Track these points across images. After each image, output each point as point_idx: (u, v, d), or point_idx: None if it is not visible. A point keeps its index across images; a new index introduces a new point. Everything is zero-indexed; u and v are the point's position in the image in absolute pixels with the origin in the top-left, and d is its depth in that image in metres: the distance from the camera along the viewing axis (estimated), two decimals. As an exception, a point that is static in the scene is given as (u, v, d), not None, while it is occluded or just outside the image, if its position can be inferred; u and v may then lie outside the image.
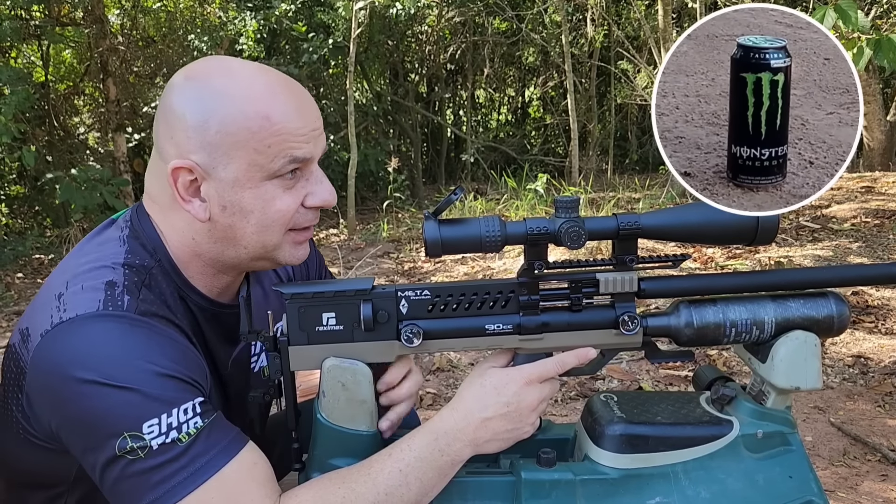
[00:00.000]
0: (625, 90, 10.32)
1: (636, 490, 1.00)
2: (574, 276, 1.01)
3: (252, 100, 0.93)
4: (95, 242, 1.01)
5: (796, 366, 1.00)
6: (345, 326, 1.00)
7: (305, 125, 0.96)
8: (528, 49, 11.24)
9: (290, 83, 0.99)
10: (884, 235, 5.14)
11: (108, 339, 0.89)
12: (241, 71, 0.96)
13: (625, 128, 11.44)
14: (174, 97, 0.95)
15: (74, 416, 0.87)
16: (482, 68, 11.45)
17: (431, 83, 11.89)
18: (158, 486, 0.85)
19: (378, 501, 0.91)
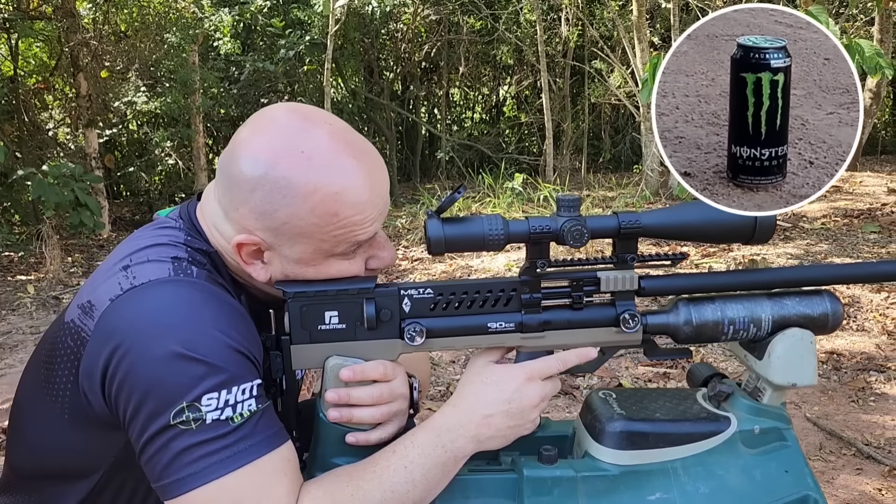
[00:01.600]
0: (598, 89, 10.40)
1: (636, 486, 1.01)
2: (575, 274, 1.02)
3: (322, 198, 0.92)
4: (151, 229, 1.02)
5: (793, 363, 1.01)
6: (347, 325, 0.99)
7: (373, 210, 0.96)
8: (503, 48, 11.27)
9: (365, 164, 0.95)
10: (853, 234, 5.25)
11: (183, 304, 0.89)
12: (315, 156, 0.92)
13: (598, 127, 11.53)
14: (241, 170, 0.93)
15: (139, 376, 0.86)
16: (457, 67, 11.47)
17: (406, 81, 11.87)
18: (199, 462, 0.85)
19: (385, 498, 0.91)
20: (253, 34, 9.54)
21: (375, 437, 0.99)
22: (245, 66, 9.13)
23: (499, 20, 10.59)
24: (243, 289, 1.03)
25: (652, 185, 7.24)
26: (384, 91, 11.24)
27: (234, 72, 9.40)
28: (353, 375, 0.97)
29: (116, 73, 7.58)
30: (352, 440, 0.99)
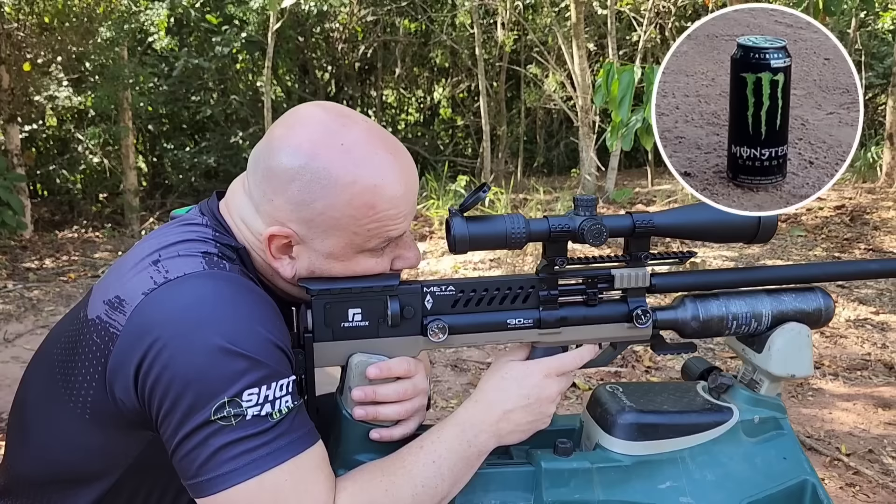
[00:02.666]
0: (534, 94, 10.57)
1: (648, 475, 1.05)
2: (590, 272, 1.05)
3: (360, 190, 0.92)
4: (175, 226, 1.00)
5: (791, 355, 1.07)
6: (370, 322, 1.00)
7: (407, 206, 0.97)
8: (438, 51, 11.33)
9: (401, 160, 0.97)
10: (782, 237, 5.52)
11: (222, 298, 0.88)
12: (354, 149, 0.93)
13: (533, 131, 11.72)
14: (280, 161, 0.93)
15: (179, 370, 0.85)
16: (393, 69, 11.46)
17: (340, 82, 11.78)
18: (238, 458, 0.84)
19: (416, 493, 0.92)
20: (185, 30, 9.29)
21: (399, 433, 1.00)
22: (177, 63, 8.89)
23: (434, 23, 10.64)
24: (266, 287, 1.03)
25: (589, 188, 7.42)
26: (319, 91, 11.13)
27: (164, 68, 9.14)
28: (380, 373, 0.98)
29: (40, 66, 7.26)
30: (376, 436, 0.99)
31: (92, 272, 6.02)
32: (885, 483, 2.61)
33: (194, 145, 10.04)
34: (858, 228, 5.68)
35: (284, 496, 0.85)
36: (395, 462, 0.95)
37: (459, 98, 11.99)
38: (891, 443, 2.88)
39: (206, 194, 9.15)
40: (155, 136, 10.22)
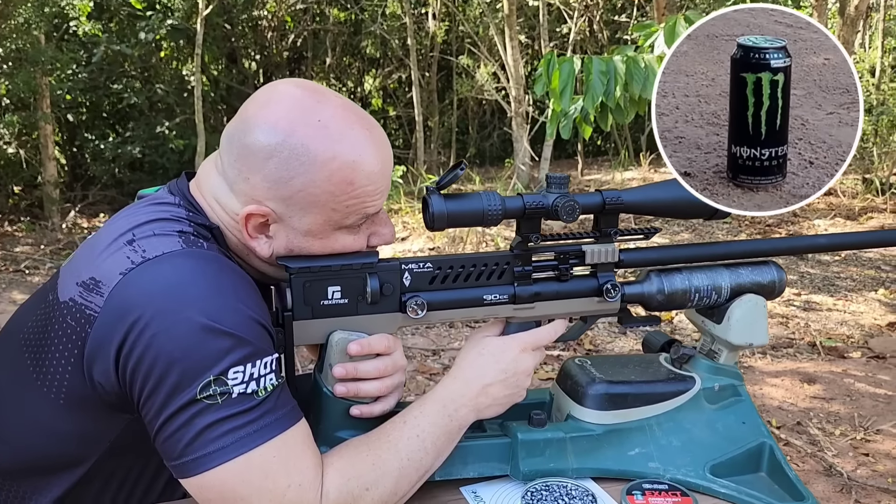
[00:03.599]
0: (466, 85, 10.63)
1: (618, 443, 1.10)
2: (562, 248, 1.08)
3: (339, 166, 0.92)
4: (145, 205, 0.97)
5: (749, 325, 1.13)
6: (349, 300, 1.00)
7: (383, 182, 0.98)
8: (369, 40, 11.26)
9: (376, 136, 0.97)
10: (708, 226, 5.74)
11: (204, 276, 0.87)
12: (331, 125, 0.93)
13: (465, 122, 11.78)
14: (256, 139, 0.92)
15: (163, 349, 0.83)
16: (323, 58, 11.32)
17: (269, 71, 11.57)
18: (225, 437, 0.83)
19: (402, 466, 0.93)
20: (106, 14, 8.94)
21: (379, 409, 1.01)
22: (96, 49, 8.54)
23: (365, 12, 10.56)
24: (240, 267, 1.02)
25: (523, 178, 7.53)
26: (248, 80, 10.90)
27: (84, 55, 8.77)
28: (360, 349, 0.98)
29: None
30: (357, 413, 1.00)
31: (14, 266, 5.75)
32: (813, 452, 2.76)
33: (116, 135, 9.68)
34: (780, 215, 5.96)
35: (274, 473, 0.85)
36: (380, 437, 0.95)
37: (391, 89, 11.94)
38: (816, 415, 3.06)
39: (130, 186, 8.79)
40: (75, 125, 9.80)
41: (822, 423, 2.99)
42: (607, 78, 3.11)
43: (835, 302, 4.43)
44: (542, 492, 1.03)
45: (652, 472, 1.07)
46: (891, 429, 2.96)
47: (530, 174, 7.68)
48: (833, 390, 3.28)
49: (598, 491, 1.05)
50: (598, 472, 1.08)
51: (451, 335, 3.74)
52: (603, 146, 11.56)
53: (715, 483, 1.06)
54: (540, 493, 1.02)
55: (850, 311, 4.29)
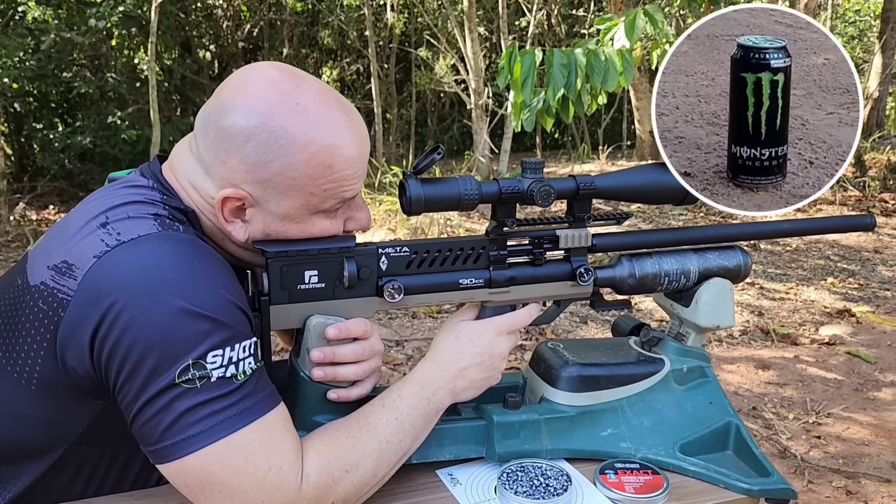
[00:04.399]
0: (425, 77, 10.61)
1: (591, 424, 1.12)
2: (536, 232, 1.09)
3: (318, 149, 0.92)
4: (118, 188, 0.95)
5: (716, 307, 1.16)
6: (327, 284, 1.00)
7: (361, 167, 0.98)
8: (326, 31, 11.15)
9: (354, 121, 0.97)
10: (665, 216, 5.84)
11: (182, 259, 0.85)
12: (310, 109, 0.92)
13: (424, 114, 11.77)
14: (234, 121, 0.91)
15: (140, 333, 0.82)
16: (280, 49, 11.18)
17: (225, 61, 11.38)
18: (205, 420, 0.83)
19: (381, 448, 0.94)
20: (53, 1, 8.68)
21: (356, 393, 1.01)
22: (44, 37, 8.28)
23: (322, 2, 10.46)
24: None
25: (483, 170, 7.56)
26: (202, 70, 10.71)
27: (31, 42, 8.50)
28: (338, 333, 0.98)
29: None
30: (334, 397, 1.00)
31: (-42, 260, 5.56)
32: (768, 436, 2.84)
33: (66, 126, 9.42)
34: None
35: (254, 456, 0.85)
36: (359, 420, 0.96)
37: (349, 80, 11.86)
38: (770, 400, 3.15)
39: (80, 177, 8.56)
40: (22, 115, 9.51)
41: (776, 407, 3.08)
42: (568, 70, 3.15)
43: (787, 291, 4.56)
44: (517, 473, 1.04)
45: (624, 452, 1.10)
46: (841, 412, 3.06)
47: (490, 166, 7.71)
48: (786, 376, 3.37)
49: (572, 471, 1.06)
50: (571, 452, 1.10)
51: (413, 326, 3.75)
52: (561, 140, 11.67)
53: (684, 461, 1.09)
54: (515, 474, 1.04)
55: (802, 300, 4.42)
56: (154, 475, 1.02)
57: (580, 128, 10.74)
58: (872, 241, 5.60)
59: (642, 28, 3.32)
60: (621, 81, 3.27)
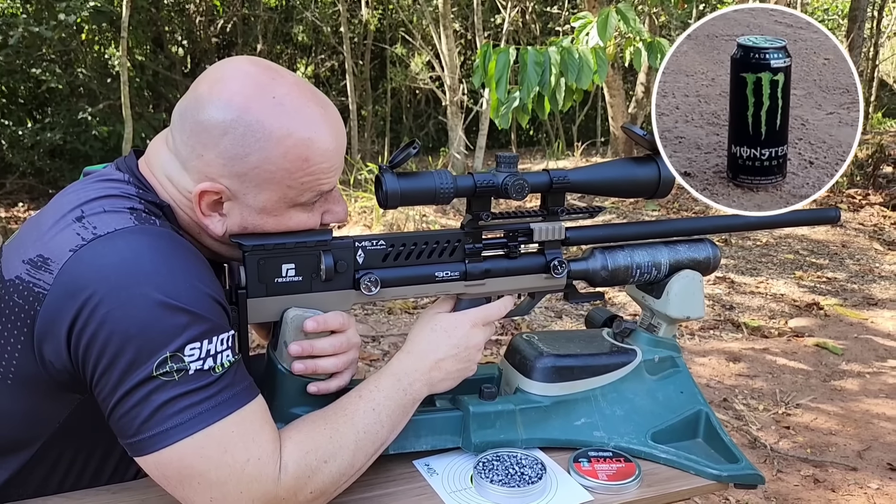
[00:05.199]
0: (400, 74, 10.59)
1: (565, 413, 1.14)
2: (511, 225, 1.11)
3: (295, 143, 0.92)
4: (93, 181, 0.95)
5: (687, 299, 1.19)
6: (304, 277, 1.01)
7: (338, 160, 0.98)
8: (301, 27, 11.08)
9: (330, 114, 0.97)
10: (638, 212, 5.91)
11: (158, 252, 0.86)
12: (286, 102, 0.93)
13: (399, 111, 11.74)
14: (210, 115, 0.91)
15: (117, 326, 0.82)
16: (254, 45, 11.08)
17: (197, 56, 11.26)
18: (183, 413, 0.83)
19: (359, 439, 0.95)
20: (22, -6, 8.53)
21: (335, 386, 1.02)
22: (13, 31, 8.14)
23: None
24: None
25: (458, 167, 7.57)
26: (175, 66, 10.59)
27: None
28: (316, 326, 0.99)
29: None
30: (313, 390, 1.01)
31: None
32: (739, 426, 2.90)
33: (35, 122, 9.26)
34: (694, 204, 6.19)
35: (233, 448, 0.86)
36: (336, 411, 0.97)
37: (324, 77, 11.79)
38: (741, 391, 3.21)
39: (50, 174, 8.42)
40: (-12, 111, 9.33)
41: (746, 398, 3.14)
42: (542, 68, 3.17)
43: (757, 285, 4.63)
44: (493, 462, 1.06)
45: (597, 441, 1.12)
46: (809, 403, 3.13)
47: (465, 163, 7.73)
48: (756, 368, 3.44)
49: (546, 460, 1.09)
50: (546, 441, 1.12)
51: (389, 322, 3.75)
52: (536, 136, 11.72)
53: (656, 449, 1.12)
54: (491, 463, 1.06)
55: (772, 294, 4.50)
56: (131, 469, 1.02)
57: (555, 125, 10.79)
58: (840, 235, 5.71)
59: (615, 26, 3.36)
60: (595, 79, 3.30)
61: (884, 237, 5.79)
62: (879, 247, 5.57)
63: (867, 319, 4.13)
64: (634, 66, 3.54)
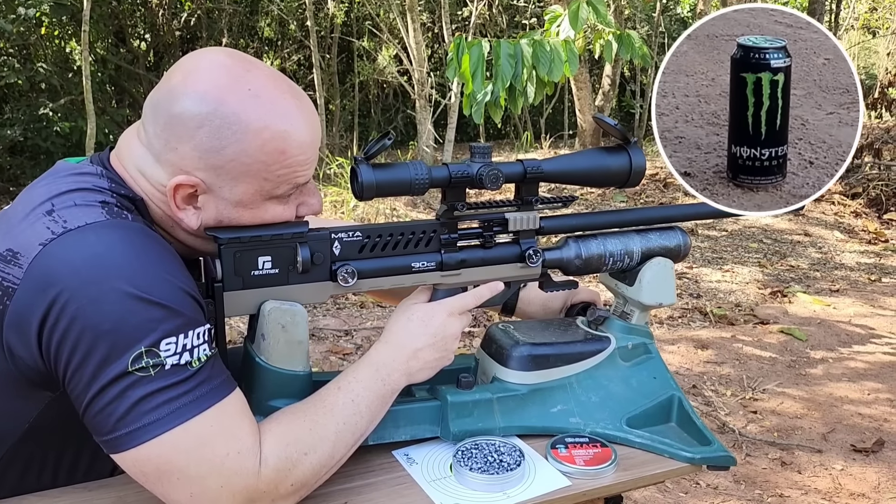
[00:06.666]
0: (368, 67, 10.54)
1: (541, 401, 1.15)
2: (486, 215, 1.12)
3: (271, 135, 0.92)
4: (65, 175, 0.93)
5: (659, 286, 1.21)
6: (280, 269, 1.01)
7: (313, 152, 0.98)
8: (266, 21, 10.97)
9: (305, 106, 0.97)
10: (606, 203, 5.97)
11: (130, 246, 0.85)
12: (262, 94, 0.92)
13: (367, 105, 11.69)
14: (185, 108, 0.90)
15: (89, 321, 0.81)
16: (219, 38, 10.94)
17: (161, 51, 11.08)
18: (160, 408, 0.82)
19: (338, 430, 0.95)
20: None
21: None
22: (-31, 25, 7.93)
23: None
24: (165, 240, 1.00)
25: (428, 160, 7.57)
26: (138, 61, 10.42)
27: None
28: None
29: None
30: None
31: None
32: (708, 412, 2.95)
33: (-7, 118, 9.04)
34: (671, 193, 6.27)
35: (212, 442, 0.85)
36: (315, 403, 0.97)
37: (290, 71, 11.69)
38: (709, 378, 3.26)
39: (10, 171, 8.22)
40: (-55, 107, 9.08)
41: (714, 385, 3.20)
42: (515, 61, 3.19)
43: (723, 274, 4.71)
44: (471, 450, 1.07)
45: (573, 427, 1.14)
46: (775, 388, 3.20)
47: (434, 156, 7.73)
48: (724, 355, 3.50)
49: (524, 447, 1.10)
50: (523, 429, 1.13)
51: (362, 315, 3.75)
52: (504, 129, 11.75)
53: (631, 434, 1.14)
54: (470, 451, 1.07)
55: (737, 282, 4.58)
56: (108, 467, 1.01)
57: (523, 118, 10.84)
58: (802, 224, 5.83)
59: (586, 18, 3.38)
60: (566, 71, 3.33)
61: (844, 226, 5.93)
62: (841, 235, 5.70)
63: (830, 306, 4.22)
64: (605, 58, 3.58)
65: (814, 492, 2.47)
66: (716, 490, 2.45)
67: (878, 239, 5.62)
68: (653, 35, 9.98)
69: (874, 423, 2.92)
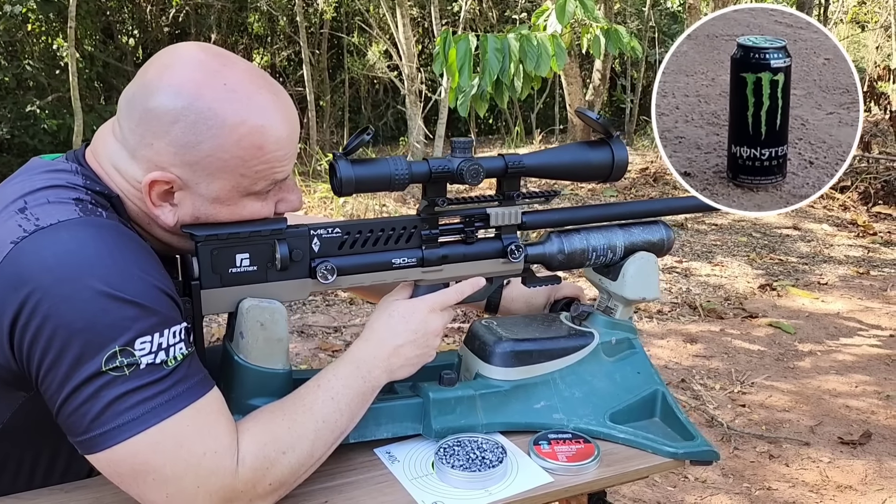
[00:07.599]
0: (358, 63, 10.51)
1: (525, 397, 1.15)
2: (467, 211, 1.11)
3: (248, 130, 0.91)
4: (39, 172, 0.91)
5: (642, 280, 1.20)
6: (259, 267, 1.00)
7: (291, 148, 0.97)
8: (256, 17, 10.91)
9: (283, 101, 0.96)
10: (596, 198, 5.97)
11: (104, 244, 0.83)
12: (239, 89, 0.91)
13: (358, 101, 11.66)
14: (160, 103, 0.89)
15: (62, 320, 0.79)
16: (209, 35, 10.88)
17: (149, 47, 11.02)
18: (136, 408, 0.81)
19: (318, 428, 0.94)
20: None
21: None
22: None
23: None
24: (141, 237, 0.99)
25: (418, 155, 7.54)
26: (126, 57, 10.35)
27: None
28: None
29: None
30: None
31: None
32: (696, 406, 2.96)
33: (-20, 116, 8.97)
34: (660, 187, 6.28)
35: (188, 442, 0.84)
36: (294, 401, 0.96)
37: (280, 67, 11.64)
38: (698, 372, 3.27)
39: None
40: (-69, 105, 9.01)
41: (703, 378, 3.20)
42: (502, 55, 3.18)
43: (712, 268, 4.72)
44: (454, 448, 1.06)
45: (557, 423, 1.13)
46: (763, 381, 3.20)
47: (425, 152, 7.71)
48: (712, 349, 3.51)
49: (507, 443, 1.09)
50: (506, 426, 1.13)
51: (352, 312, 3.74)
52: (495, 125, 11.74)
53: (614, 429, 1.13)
54: (452, 448, 1.06)
55: (726, 276, 4.59)
56: (84, 468, 1.00)
57: (514, 113, 10.82)
58: (791, 218, 5.85)
59: (573, 12, 3.37)
60: (553, 66, 3.32)
61: (833, 219, 5.95)
62: (829, 228, 5.72)
63: (818, 299, 4.24)
64: (593, 53, 3.57)
65: (801, 484, 2.48)
66: (704, 484, 2.46)
67: (866, 232, 5.64)
68: (643, 30, 9.98)
69: (861, 415, 2.93)
